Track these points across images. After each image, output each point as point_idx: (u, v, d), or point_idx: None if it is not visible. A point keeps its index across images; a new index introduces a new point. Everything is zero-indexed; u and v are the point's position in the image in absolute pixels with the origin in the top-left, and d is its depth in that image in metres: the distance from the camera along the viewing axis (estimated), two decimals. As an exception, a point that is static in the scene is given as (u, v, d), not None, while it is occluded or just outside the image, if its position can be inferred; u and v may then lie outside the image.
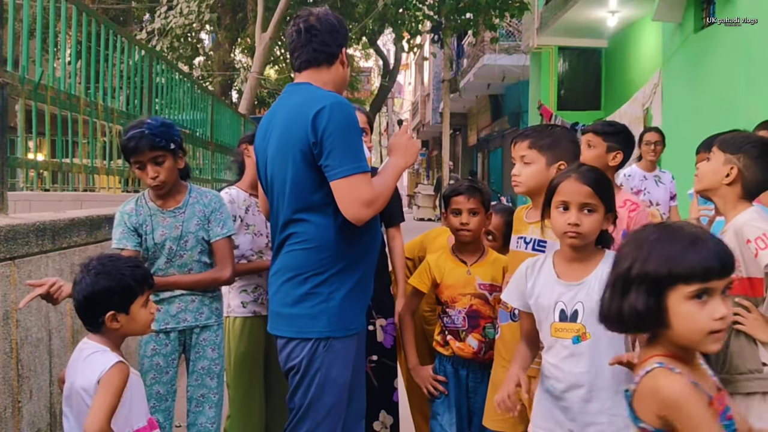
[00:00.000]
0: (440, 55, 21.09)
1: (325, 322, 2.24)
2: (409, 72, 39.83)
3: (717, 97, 6.54)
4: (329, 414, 2.28)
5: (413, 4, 13.11)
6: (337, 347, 2.26)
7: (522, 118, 15.93)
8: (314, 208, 2.23)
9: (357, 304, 2.32)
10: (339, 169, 2.14)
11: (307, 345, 2.25)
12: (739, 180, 2.16)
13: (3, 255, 2.31)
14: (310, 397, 2.27)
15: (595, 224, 2.00)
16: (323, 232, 2.24)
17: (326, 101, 2.18)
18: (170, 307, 2.66)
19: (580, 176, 2.02)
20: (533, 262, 2.14)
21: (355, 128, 2.22)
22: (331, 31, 2.33)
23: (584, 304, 1.98)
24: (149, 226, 2.63)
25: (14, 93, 3.01)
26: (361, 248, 2.31)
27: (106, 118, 4.30)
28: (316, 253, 2.25)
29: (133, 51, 5.11)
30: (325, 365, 2.25)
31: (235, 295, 2.99)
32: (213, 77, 15.19)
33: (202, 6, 12.44)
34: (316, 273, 2.25)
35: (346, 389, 2.31)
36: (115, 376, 1.97)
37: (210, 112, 7.53)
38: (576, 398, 1.99)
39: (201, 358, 2.71)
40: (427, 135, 33.42)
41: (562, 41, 12.31)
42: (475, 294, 2.66)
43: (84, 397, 1.98)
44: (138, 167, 2.59)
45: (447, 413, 2.71)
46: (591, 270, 2.01)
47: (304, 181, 2.22)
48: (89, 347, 2.03)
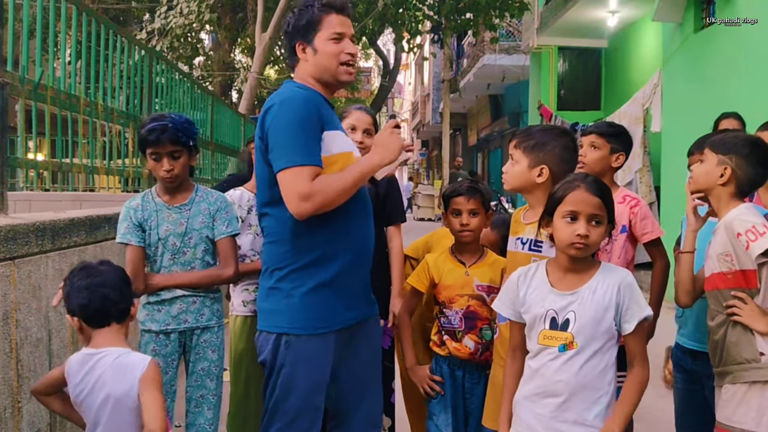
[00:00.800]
0: (440, 55, 21.08)
1: (286, 319, 2.22)
2: (409, 72, 39.86)
3: (717, 97, 6.54)
4: (296, 419, 2.23)
5: (413, 4, 13.11)
6: (299, 346, 2.21)
7: (522, 118, 15.93)
8: (273, 202, 2.24)
9: (330, 303, 2.25)
10: (277, 163, 2.16)
11: (271, 339, 2.24)
12: (733, 179, 2.21)
13: (3, 255, 2.31)
14: (275, 398, 2.25)
15: (601, 236, 2.02)
16: (281, 226, 2.24)
17: (276, 99, 2.22)
18: (171, 308, 2.66)
19: (588, 187, 2.01)
20: (525, 271, 2.14)
21: (301, 123, 2.17)
22: (285, 35, 2.37)
23: (576, 314, 1.98)
24: (154, 221, 2.65)
25: (14, 93, 3.00)
26: (334, 245, 2.25)
27: (106, 118, 4.30)
28: (276, 247, 2.27)
29: (133, 51, 5.11)
30: (288, 364, 2.21)
31: (238, 294, 3.01)
32: (213, 77, 15.19)
33: (202, 6, 12.43)
34: (278, 268, 2.26)
35: (316, 394, 2.25)
36: (155, 371, 2.02)
37: (210, 112, 7.54)
38: (552, 406, 2.00)
39: (201, 359, 2.71)
40: (427, 135, 33.43)
41: (562, 41, 12.31)
42: (472, 295, 2.66)
43: (126, 402, 1.99)
44: (154, 158, 2.62)
45: (443, 414, 2.71)
46: (585, 281, 2.02)
47: (264, 175, 2.26)
48: (111, 353, 2.03)
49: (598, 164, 2.77)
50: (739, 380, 2.12)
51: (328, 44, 2.28)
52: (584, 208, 1.99)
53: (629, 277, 2.04)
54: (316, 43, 2.28)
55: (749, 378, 2.10)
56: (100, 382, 2.00)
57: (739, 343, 2.13)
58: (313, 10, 2.29)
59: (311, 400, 2.25)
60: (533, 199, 2.41)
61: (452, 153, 23.48)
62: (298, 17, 2.31)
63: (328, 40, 2.28)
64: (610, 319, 1.98)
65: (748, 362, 2.11)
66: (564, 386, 1.98)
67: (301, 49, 2.32)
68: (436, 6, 13.52)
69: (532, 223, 2.35)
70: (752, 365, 2.10)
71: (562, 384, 1.98)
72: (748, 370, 2.10)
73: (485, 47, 16.12)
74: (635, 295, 2.00)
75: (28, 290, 2.47)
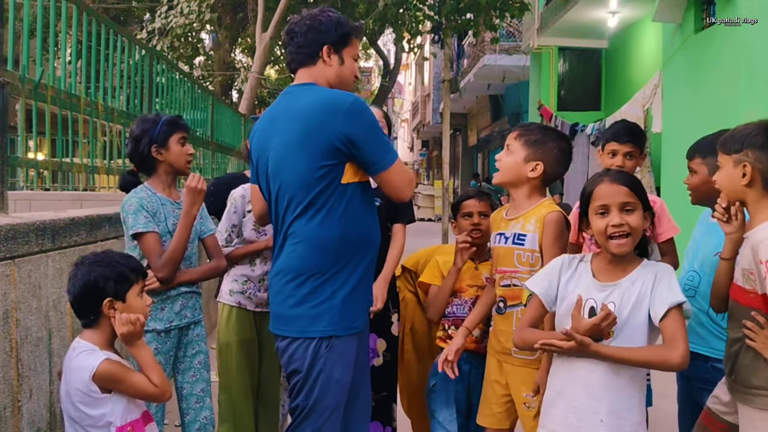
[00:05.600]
0: (440, 55, 21.00)
1: (328, 322, 2.25)
2: (409, 72, 39.83)
3: (717, 97, 6.54)
4: (332, 415, 2.28)
5: (413, 4, 13.09)
6: (340, 347, 2.27)
7: (522, 119, 15.91)
8: (312, 205, 2.25)
9: (359, 303, 2.33)
10: (386, 159, 2.28)
11: (311, 345, 2.25)
12: (758, 176, 2.01)
13: (3, 254, 2.31)
14: (314, 398, 2.27)
15: (640, 221, 2.00)
16: (323, 230, 2.25)
17: (350, 98, 2.30)
18: (174, 305, 2.70)
19: (613, 178, 2.04)
20: (570, 259, 2.15)
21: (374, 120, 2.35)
22: (308, 31, 2.37)
23: (615, 304, 1.98)
24: (162, 214, 2.70)
25: (14, 92, 3.00)
26: (363, 247, 2.32)
27: (106, 118, 4.30)
28: (314, 251, 2.26)
29: (134, 51, 5.11)
30: (328, 365, 2.25)
31: (227, 282, 3.10)
32: (213, 77, 15.18)
33: (202, 6, 12.42)
34: (316, 273, 2.26)
35: (347, 390, 2.31)
36: (109, 373, 2.00)
37: (210, 111, 7.54)
38: (587, 397, 1.99)
39: (198, 353, 2.79)
40: (427, 135, 33.41)
41: (562, 42, 12.30)
42: (481, 286, 2.78)
43: (72, 396, 2.00)
44: (182, 142, 2.74)
45: (445, 409, 2.78)
46: (627, 273, 2.03)
47: (305, 174, 2.25)
48: (79, 347, 2.05)
49: (633, 171, 2.77)
50: (749, 404, 2.04)
51: (351, 61, 2.46)
52: (613, 199, 1.99)
53: (668, 269, 2.03)
54: (343, 55, 2.42)
55: (758, 405, 2.01)
56: (67, 371, 2.05)
57: (750, 367, 2.04)
58: (349, 28, 2.44)
59: (344, 397, 2.31)
60: (519, 195, 2.45)
61: (452, 153, 23.48)
62: (336, 25, 2.39)
63: (351, 57, 2.45)
64: (646, 310, 1.97)
65: (756, 389, 2.02)
66: (598, 377, 1.98)
67: (328, 54, 2.38)
68: (437, 6, 13.51)
69: (516, 218, 2.43)
70: (761, 392, 2.01)
71: (596, 375, 1.98)
72: (757, 396, 2.02)
73: (485, 47, 16.13)
74: (669, 283, 1.97)
75: (28, 289, 2.46)
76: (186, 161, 2.76)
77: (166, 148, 2.69)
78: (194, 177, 2.65)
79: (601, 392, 1.99)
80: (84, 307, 2.07)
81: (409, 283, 3.16)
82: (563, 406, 2.06)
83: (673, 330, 1.91)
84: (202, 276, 2.85)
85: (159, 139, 2.68)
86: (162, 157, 2.70)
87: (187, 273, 2.73)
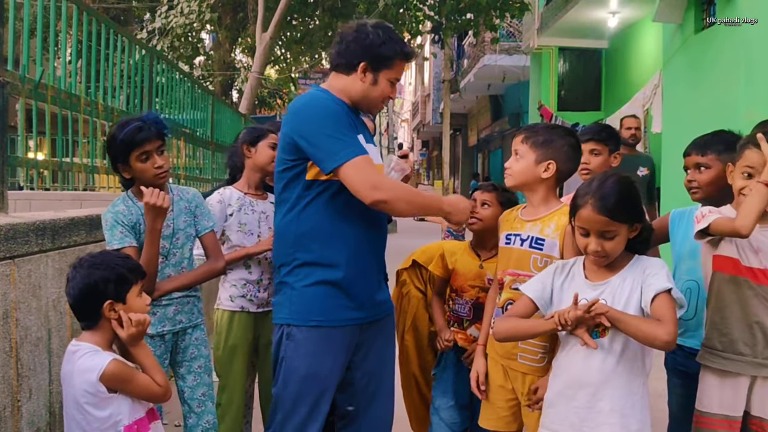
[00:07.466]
0: (440, 55, 21.08)
1: (287, 310, 2.35)
2: (409, 72, 39.84)
3: (717, 97, 6.54)
4: (297, 405, 2.31)
5: (414, 5, 13.10)
6: (298, 336, 2.31)
7: (522, 119, 15.94)
8: (283, 201, 2.37)
9: (331, 299, 2.33)
10: (332, 159, 2.21)
11: (278, 332, 2.37)
12: None
13: (3, 254, 2.31)
14: (278, 387, 2.36)
15: (618, 245, 2.03)
16: (286, 224, 2.36)
17: (300, 100, 2.35)
18: (167, 310, 2.65)
19: (595, 206, 2.00)
20: (563, 264, 2.18)
21: (336, 118, 2.28)
22: (353, 42, 2.35)
23: (607, 302, 2.00)
24: (142, 225, 2.56)
25: (15, 92, 3.00)
26: (332, 244, 2.33)
27: (106, 118, 4.30)
28: (283, 243, 2.39)
29: (134, 50, 5.11)
30: (289, 354, 2.33)
31: (225, 289, 3.07)
32: (213, 77, 15.19)
33: (202, 6, 12.43)
34: (283, 264, 2.38)
35: (311, 382, 2.32)
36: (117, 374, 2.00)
37: (210, 111, 7.54)
38: (587, 396, 2.01)
39: (198, 357, 2.73)
40: (428, 135, 33.45)
41: (562, 42, 12.30)
42: (483, 287, 2.74)
43: (79, 399, 2.00)
44: (143, 159, 2.47)
45: (443, 397, 2.81)
46: (618, 271, 2.06)
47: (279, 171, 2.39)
48: (81, 349, 2.04)
49: (602, 168, 2.85)
50: None
51: (386, 85, 2.39)
52: (593, 227, 2.02)
53: (658, 262, 2.06)
54: (380, 76, 2.36)
55: None
56: (68, 376, 2.05)
57: None
58: (396, 50, 2.36)
59: (307, 388, 2.32)
60: (535, 197, 2.42)
61: (452, 153, 23.49)
62: (382, 45, 2.33)
63: (389, 80, 2.39)
64: (637, 305, 1.99)
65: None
66: (596, 374, 2.00)
67: (363, 71, 2.34)
68: (437, 6, 13.51)
69: (533, 220, 2.37)
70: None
71: (595, 372, 2.00)
72: None
73: (486, 48, 16.14)
74: (658, 274, 1.99)
75: (27, 289, 2.46)
76: (153, 175, 2.50)
77: (128, 165, 2.51)
78: (150, 193, 2.40)
79: (602, 391, 2.00)
80: (84, 310, 2.07)
81: (418, 280, 3.12)
82: (563, 406, 2.07)
83: (662, 312, 1.94)
84: (195, 280, 2.69)
85: (120, 158, 2.51)
86: (128, 174, 2.53)
87: (172, 282, 2.60)
